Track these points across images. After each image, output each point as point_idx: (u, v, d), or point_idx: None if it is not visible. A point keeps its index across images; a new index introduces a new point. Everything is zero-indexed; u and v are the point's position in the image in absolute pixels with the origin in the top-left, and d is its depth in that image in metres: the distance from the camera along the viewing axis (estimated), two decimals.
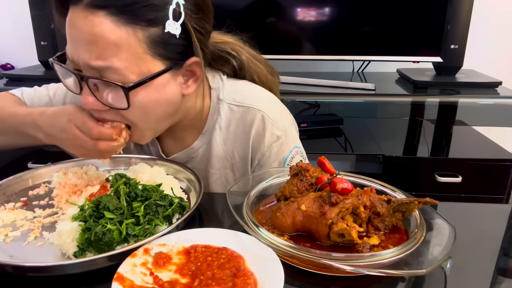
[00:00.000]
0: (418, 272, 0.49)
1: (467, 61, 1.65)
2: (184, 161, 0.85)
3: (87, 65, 0.63)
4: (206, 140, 0.84)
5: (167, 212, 0.61)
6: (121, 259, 0.51)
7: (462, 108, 1.62)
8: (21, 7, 1.82)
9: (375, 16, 1.65)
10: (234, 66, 0.85)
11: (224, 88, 0.83)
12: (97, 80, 0.63)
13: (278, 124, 0.82)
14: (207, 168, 0.85)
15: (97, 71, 0.63)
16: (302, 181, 0.63)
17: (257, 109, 0.81)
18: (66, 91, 0.88)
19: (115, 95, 0.64)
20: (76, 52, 0.63)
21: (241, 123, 0.82)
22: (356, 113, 1.75)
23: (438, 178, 1.50)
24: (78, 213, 0.59)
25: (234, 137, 0.83)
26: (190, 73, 0.72)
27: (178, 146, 0.86)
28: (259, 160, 0.83)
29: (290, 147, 0.83)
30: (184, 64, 0.69)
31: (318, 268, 0.52)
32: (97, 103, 0.65)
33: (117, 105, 0.65)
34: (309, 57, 1.72)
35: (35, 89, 0.92)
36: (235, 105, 0.82)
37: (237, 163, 0.84)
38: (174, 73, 0.68)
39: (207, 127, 0.83)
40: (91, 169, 0.80)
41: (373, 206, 0.58)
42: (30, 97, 0.90)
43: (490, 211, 0.77)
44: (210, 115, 0.82)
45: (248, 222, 0.57)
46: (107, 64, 0.62)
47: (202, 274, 0.49)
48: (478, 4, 1.63)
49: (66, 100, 0.89)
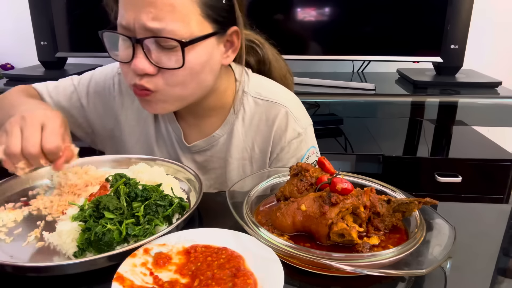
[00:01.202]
0: (418, 272, 0.49)
1: (467, 61, 1.64)
2: (204, 148, 0.86)
3: (144, 27, 0.65)
4: (227, 130, 0.85)
5: (167, 212, 0.61)
6: (121, 259, 0.51)
7: (462, 108, 1.62)
8: (21, 7, 1.82)
9: (375, 16, 1.65)
10: (260, 56, 0.89)
11: (249, 82, 0.86)
12: (153, 39, 0.66)
13: (300, 121, 0.85)
14: (226, 157, 0.86)
15: (153, 32, 0.65)
16: (302, 181, 0.63)
17: (282, 105, 0.84)
18: (89, 80, 0.92)
19: (168, 55, 0.67)
20: (133, 16, 0.65)
21: (264, 117, 0.84)
22: (356, 113, 1.75)
23: (438, 178, 1.50)
24: (78, 213, 0.59)
25: (256, 130, 0.85)
26: (229, 44, 0.75)
27: (200, 134, 0.87)
28: (278, 154, 0.85)
29: (308, 145, 0.86)
30: (227, 31, 0.73)
31: (318, 268, 0.52)
32: (149, 66, 0.67)
33: (170, 65, 0.68)
34: (309, 57, 1.72)
35: (60, 80, 0.95)
36: (260, 99, 0.85)
37: (256, 155, 0.86)
38: (218, 39, 0.72)
39: (229, 117, 0.85)
40: (91, 169, 0.80)
41: (373, 206, 0.58)
42: (55, 89, 0.92)
43: (490, 211, 0.77)
44: (234, 106, 0.85)
45: (248, 222, 0.57)
46: (163, 25, 0.64)
47: (202, 274, 0.49)
48: (478, 4, 1.63)
49: (89, 89, 0.91)
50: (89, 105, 0.92)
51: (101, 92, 0.91)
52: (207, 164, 0.88)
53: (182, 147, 0.88)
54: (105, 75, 0.92)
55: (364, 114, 1.85)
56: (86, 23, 1.75)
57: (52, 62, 1.78)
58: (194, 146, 0.86)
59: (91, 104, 0.92)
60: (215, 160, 0.87)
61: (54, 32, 1.73)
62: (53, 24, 1.72)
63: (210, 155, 0.87)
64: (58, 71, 1.79)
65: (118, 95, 0.90)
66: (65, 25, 1.75)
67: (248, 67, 0.90)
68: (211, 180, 0.90)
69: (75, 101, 0.92)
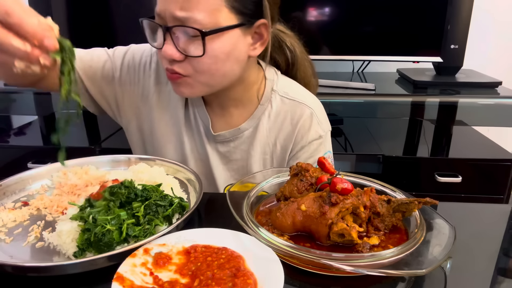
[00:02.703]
0: (418, 272, 0.49)
1: (467, 61, 1.64)
2: (228, 139, 0.89)
3: (172, 16, 0.69)
4: (253, 124, 0.88)
5: (167, 212, 0.61)
6: (121, 259, 0.51)
7: (462, 108, 1.62)
8: None
9: (375, 16, 1.65)
10: (288, 58, 0.92)
11: (278, 81, 0.89)
12: (179, 27, 0.70)
13: (322, 124, 0.89)
14: (249, 150, 0.89)
15: (181, 21, 0.69)
16: (302, 181, 0.63)
17: (308, 106, 0.88)
18: (126, 50, 0.92)
19: (193, 43, 0.71)
20: (164, 6, 0.70)
21: (290, 115, 0.88)
22: (356, 113, 1.75)
23: (438, 178, 1.50)
24: (77, 213, 0.59)
25: (280, 127, 0.88)
26: (258, 36, 0.77)
27: (226, 125, 0.89)
28: (297, 152, 0.88)
29: (326, 149, 0.90)
30: (254, 24, 0.74)
31: (318, 268, 0.52)
32: (176, 52, 0.71)
33: (194, 53, 0.71)
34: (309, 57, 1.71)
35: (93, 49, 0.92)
36: (287, 98, 0.88)
37: (277, 151, 0.90)
38: (245, 31, 0.74)
39: (256, 112, 0.88)
40: (91, 169, 0.80)
41: (373, 206, 0.58)
42: (87, 54, 0.90)
43: (490, 211, 0.77)
44: (262, 101, 0.88)
45: (248, 222, 0.57)
46: (189, 15, 0.68)
47: (202, 274, 0.49)
48: (478, 4, 1.63)
49: (124, 61, 0.91)
50: (121, 78, 0.91)
51: (136, 66, 0.91)
52: (229, 155, 0.90)
53: (208, 135, 0.89)
54: (142, 51, 0.92)
55: (364, 114, 1.85)
56: (86, 23, 1.75)
57: None
58: (220, 135, 0.88)
59: (123, 77, 0.91)
60: (238, 152, 0.90)
61: None
62: None
63: (234, 146, 0.89)
64: None
65: (155, 73, 0.90)
66: (65, 25, 1.75)
67: (276, 66, 0.93)
68: (232, 171, 0.92)
69: (107, 70, 0.90)
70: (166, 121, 0.91)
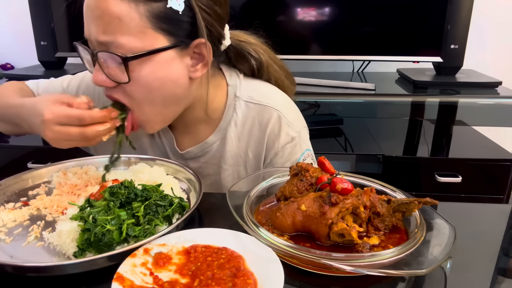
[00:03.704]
0: (418, 272, 0.49)
1: (467, 61, 1.64)
2: (197, 155, 0.86)
3: (97, 41, 0.66)
4: (220, 135, 0.84)
5: (167, 212, 0.61)
6: (121, 259, 0.51)
7: (462, 108, 1.62)
8: (21, 7, 1.82)
9: (375, 16, 1.65)
10: (253, 67, 0.86)
11: (241, 86, 0.84)
12: (102, 53, 0.66)
13: (293, 125, 0.84)
14: (220, 163, 0.86)
15: (105, 46, 0.66)
16: (302, 181, 0.63)
17: (274, 109, 0.83)
18: (80, 82, 0.91)
19: (120, 69, 0.66)
20: (88, 29, 0.67)
21: (257, 121, 0.83)
22: (356, 113, 1.75)
23: (438, 178, 1.50)
24: (77, 213, 0.59)
25: (249, 135, 0.84)
26: (198, 56, 0.72)
27: (192, 141, 0.86)
28: (272, 159, 0.84)
29: (302, 149, 0.85)
30: (190, 44, 0.70)
31: (318, 268, 0.52)
32: (105, 79, 0.68)
33: (120, 80, 0.67)
34: (309, 57, 1.72)
35: (51, 80, 0.94)
36: (252, 103, 0.83)
37: (250, 160, 0.85)
38: (181, 52, 0.70)
39: (222, 123, 0.84)
40: (91, 169, 0.80)
41: (373, 206, 0.58)
42: (45, 88, 0.92)
43: (490, 211, 0.77)
44: (226, 111, 0.83)
45: (248, 222, 0.57)
46: (112, 39, 0.65)
47: (202, 274, 0.49)
48: (478, 4, 1.63)
49: (79, 91, 0.90)
50: None
51: (91, 96, 0.86)
52: (201, 171, 0.87)
53: (175, 153, 0.87)
54: None
55: (364, 114, 1.85)
56: None
57: (52, 62, 1.78)
58: (187, 152, 0.86)
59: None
60: (209, 167, 0.87)
61: (54, 32, 1.72)
62: (53, 24, 1.72)
63: (204, 161, 0.86)
64: (58, 71, 1.79)
65: None
66: (65, 25, 1.75)
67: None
68: (206, 186, 0.88)
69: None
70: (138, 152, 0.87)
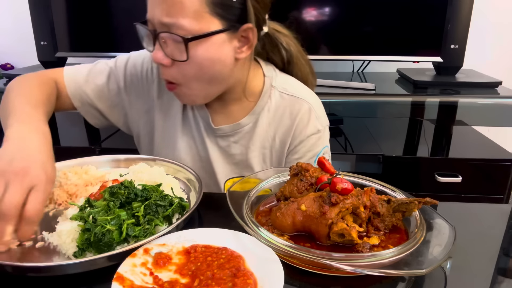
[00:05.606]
0: (418, 272, 0.49)
1: (467, 61, 1.64)
2: (228, 134, 0.90)
3: (160, 22, 0.72)
4: (253, 119, 0.90)
5: (167, 212, 0.61)
6: (121, 259, 0.51)
7: (462, 108, 1.62)
8: (21, 7, 1.82)
9: (375, 16, 1.65)
10: (284, 57, 0.93)
11: (277, 78, 0.91)
12: (164, 33, 0.72)
13: (321, 119, 0.91)
14: (249, 144, 0.91)
15: (167, 27, 0.71)
16: (302, 181, 0.63)
17: (306, 101, 0.90)
18: (127, 61, 0.95)
19: (178, 49, 0.73)
20: (152, 12, 0.73)
21: (288, 110, 0.89)
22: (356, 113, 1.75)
23: (438, 178, 1.50)
24: (77, 213, 0.59)
25: (279, 122, 0.90)
26: (244, 40, 0.78)
27: (225, 120, 0.91)
28: (296, 146, 0.90)
29: (324, 143, 0.92)
30: (240, 28, 0.75)
31: (318, 268, 0.52)
32: (164, 57, 0.74)
33: (179, 58, 0.73)
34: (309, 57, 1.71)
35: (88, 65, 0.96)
36: (286, 94, 0.90)
37: (276, 145, 0.91)
38: (230, 35, 0.75)
39: (257, 108, 0.89)
40: (91, 169, 0.80)
41: (373, 206, 0.58)
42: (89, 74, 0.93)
43: (490, 211, 0.77)
44: (262, 97, 0.89)
45: (248, 222, 0.57)
46: (174, 21, 0.70)
47: (202, 274, 0.49)
48: (478, 4, 1.63)
49: (126, 71, 0.94)
50: (126, 87, 0.94)
51: (138, 75, 0.94)
52: (229, 149, 0.91)
53: (208, 129, 0.91)
54: (143, 59, 0.94)
55: (364, 114, 1.85)
56: (86, 23, 1.75)
57: (52, 62, 1.77)
58: (220, 129, 0.90)
59: (127, 86, 0.94)
60: (237, 147, 0.91)
61: (54, 32, 1.72)
62: (53, 24, 1.72)
63: (234, 140, 0.91)
64: None
65: (157, 78, 0.93)
66: (65, 25, 1.75)
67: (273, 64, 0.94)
68: (232, 165, 0.92)
69: (112, 83, 0.94)
70: (169, 124, 0.93)
